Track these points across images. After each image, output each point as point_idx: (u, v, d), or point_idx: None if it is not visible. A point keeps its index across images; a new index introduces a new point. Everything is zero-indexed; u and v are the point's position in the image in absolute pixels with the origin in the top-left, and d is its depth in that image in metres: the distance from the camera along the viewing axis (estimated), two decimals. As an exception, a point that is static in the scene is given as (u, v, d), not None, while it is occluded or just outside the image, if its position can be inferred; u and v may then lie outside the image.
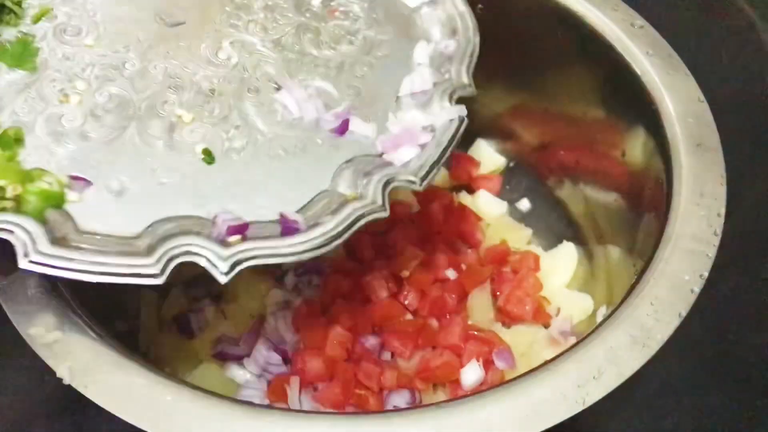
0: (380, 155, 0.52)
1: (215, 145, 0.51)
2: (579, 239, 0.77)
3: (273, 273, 0.73)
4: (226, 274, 0.45)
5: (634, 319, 0.50)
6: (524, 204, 0.83)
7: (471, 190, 0.84)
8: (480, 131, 0.85)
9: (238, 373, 0.67)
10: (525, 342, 0.71)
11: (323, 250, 0.47)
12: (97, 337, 0.51)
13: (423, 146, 0.53)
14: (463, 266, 0.74)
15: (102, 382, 0.47)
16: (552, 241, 0.79)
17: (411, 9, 0.62)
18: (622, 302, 0.51)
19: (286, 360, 0.67)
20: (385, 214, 0.49)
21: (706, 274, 0.52)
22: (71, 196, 0.47)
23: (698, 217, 0.55)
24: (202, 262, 0.45)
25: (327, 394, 0.63)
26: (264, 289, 0.71)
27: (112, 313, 0.67)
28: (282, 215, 0.47)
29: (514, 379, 0.47)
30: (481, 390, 0.51)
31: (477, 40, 0.61)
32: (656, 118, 0.62)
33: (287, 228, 0.47)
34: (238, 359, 0.67)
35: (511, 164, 0.85)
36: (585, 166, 0.76)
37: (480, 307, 0.72)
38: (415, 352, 0.67)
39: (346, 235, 0.47)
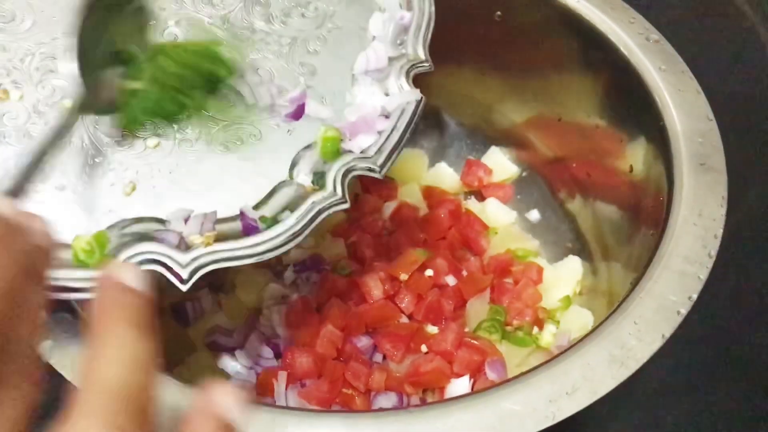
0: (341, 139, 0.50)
1: (167, 137, 0.49)
2: (585, 254, 0.76)
3: (272, 267, 0.73)
4: (187, 281, 0.44)
5: (616, 338, 0.49)
6: (534, 215, 0.82)
7: (481, 197, 0.83)
8: (495, 139, 0.85)
9: (230, 364, 0.67)
10: (521, 354, 0.70)
11: (284, 249, 0.46)
12: (86, 321, 0.52)
13: (381, 132, 0.51)
14: (464, 273, 0.74)
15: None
16: (558, 254, 0.78)
17: None
18: (605, 319, 0.50)
19: (278, 355, 0.68)
20: (346, 205, 0.48)
21: (695, 296, 0.51)
22: None
23: (694, 237, 0.54)
24: (162, 270, 0.44)
25: (314, 391, 0.63)
26: (262, 282, 0.71)
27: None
28: (242, 212, 0.47)
29: (486, 389, 0.47)
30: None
31: (432, 10, 0.57)
32: (663, 134, 0.61)
33: (247, 227, 0.46)
34: (231, 350, 0.68)
35: (524, 174, 0.84)
36: (595, 180, 0.75)
37: (478, 315, 0.71)
38: (407, 355, 0.67)
39: (306, 232, 0.46)
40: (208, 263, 0.45)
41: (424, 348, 0.67)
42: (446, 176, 0.83)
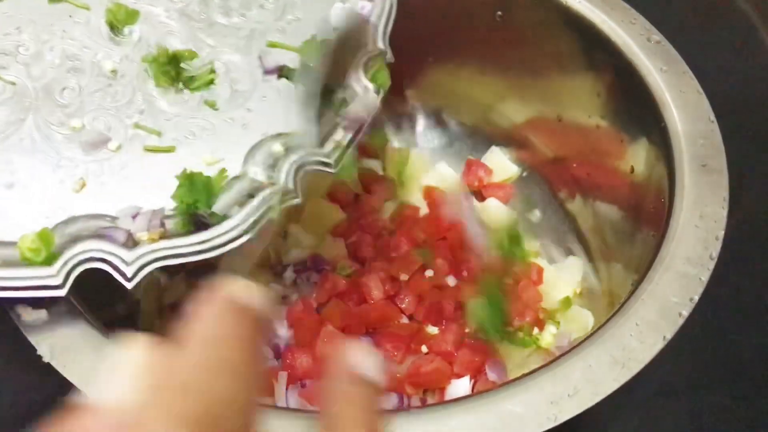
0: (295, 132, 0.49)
1: (118, 132, 0.48)
2: (586, 254, 0.76)
3: (273, 267, 0.73)
4: (131, 279, 0.43)
5: (617, 339, 0.49)
6: (535, 215, 0.82)
7: (481, 197, 0.83)
8: (495, 138, 0.85)
9: (230, 364, 0.67)
10: (521, 354, 0.70)
11: (233, 245, 0.45)
12: (87, 319, 0.52)
13: (336, 126, 0.50)
14: (465, 273, 0.74)
15: (82, 363, 0.48)
16: (559, 254, 0.78)
17: None
18: (607, 321, 0.50)
19: (277, 355, 0.68)
20: (298, 200, 0.47)
21: (696, 298, 0.50)
22: None
23: (695, 239, 0.53)
24: (107, 268, 0.44)
25: (314, 392, 0.63)
26: (262, 282, 0.71)
27: (113, 296, 0.68)
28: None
29: (487, 390, 0.47)
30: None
31: (394, 1, 0.56)
32: (664, 135, 0.61)
33: (196, 222, 0.45)
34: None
35: (525, 174, 0.84)
36: (596, 181, 0.75)
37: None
38: (407, 356, 0.67)
39: (257, 228, 0.46)
40: (153, 260, 0.44)
41: (424, 348, 0.67)
42: (446, 176, 0.83)
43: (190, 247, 0.44)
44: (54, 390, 0.48)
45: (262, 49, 0.53)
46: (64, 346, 0.49)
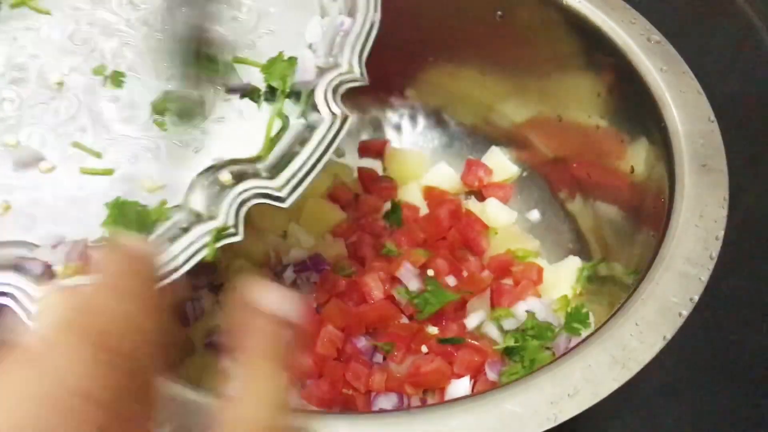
0: (251, 160, 0.45)
1: (54, 151, 0.44)
2: (586, 254, 0.76)
3: (272, 268, 0.73)
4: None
5: (617, 339, 0.49)
6: (534, 215, 0.82)
7: (481, 197, 0.83)
8: (495, 138, 0.85)
9: (230, 365, 0.67)
10: (521, 354, 0.70)
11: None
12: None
13: (292, 157, 0.46)
14: (465, 273, 0.74)
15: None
16: (559, 254, 0.78)
17: None
18: (606, 321, 0.50)
19: (277, 355, 0.68)
20: (238, 238, 0.43)
21: (696, 298, 0.51)
22: None
23: (695, 238, 0.54)
24: (11, 304, 0.40)
25: (314, 392, 0.63)
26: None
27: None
28: None
29: (487, 390, 0.47)
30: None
31: (377, 18, 0.53)
32: (664, 135, 0.61)
33: None
34: (231, 350, 0.68)
35: (525, 174, 0.84)
36: (596, 181, 0.75)
37: (478, 315, 0.71)
38: (407, 356, 0.67)
39: (187, 266, 0.42)
40: None
41: (424, 348, 0.67)
42: (446, 176, 0.83)
43: None
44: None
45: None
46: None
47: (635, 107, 0.65)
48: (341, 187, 0.80)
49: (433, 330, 0.70)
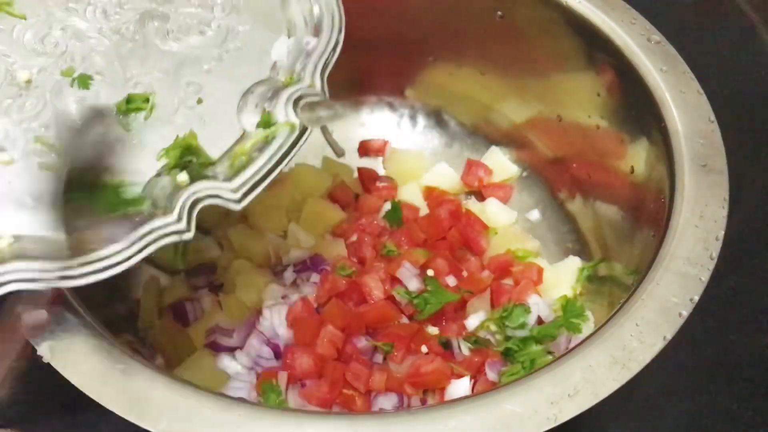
0: (209, 163, 0.48)
1: (17, 144, 0.46)
2: (585, 254, 0.76)
3: (272, 267, 0.73)
4: None
5: (617, 340, 0.49)
6: (534, 215, 0.82)
7: (481, 197, 0.83)
8: (495, 139, 0.85)
9: (230, 365, 0.67)
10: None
11: (103, 275, 0.44)
12: (87, 319, 0.52)
13: (249, 161, 0.48)
14: (465, 273, 0.74)
15: (81, 364, 0.48)
16: (558, 254, 0.78)
17: None
18: (606, 321, 0.50)
19: (277, 355, 0.68)
20: (189, 235, 0.45)
21: (696, 298, 0.51)
22: None
23: (695, 239, 0.54)
24: None
25: (314, 392, 0.63)
26: (262, 283, 0.71)
27: (113, 295, 0.68)
28: None
29: (487, 390, 0.47)
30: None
31: (340, 38, 0.54)
32: (664, 135, 0.61)
33: None
34: (231, 350, 0.68)
35: (524, 174, 0.84)
36: (596, 181, 0.75)
37: (478, 315, 0.71)
38: (407, 356, 0.67)
39: (136, 258, 0.44)
40: (7, 282, 0.42)
41: (424, 348, 0.67)
42: (446, 176, 0.83)
43: (53, 272, 0.42)
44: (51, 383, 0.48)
45: (189, 78, 0.52)
46: (64, 346, 0.49)
47: (635, 107, 0.65)
48: (341, 187, 0.80)
49: (433, 330, 0.70)
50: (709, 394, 0.68)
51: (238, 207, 0.47)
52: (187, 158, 0.48)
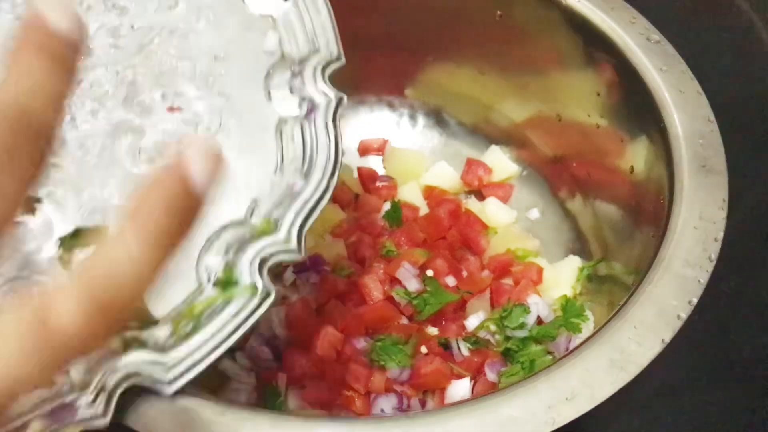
0: (149, 322, 0.43)
1: None
2: (586, 254, 0.76)
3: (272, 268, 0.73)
4: None
5: (615, 342, 0.49)
6: (534, 214, 0.82)
7: (481, 197, 0.83)
8: (495, 138, 0.84)
9: (229, 366, 0.67)
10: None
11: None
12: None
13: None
14: (464, 273, 0.74)
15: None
16: (559, 253, 0.78)
17: (278, 118, 0.49)
18: (605, 324, 0.50)
19: (277, 356, 0.68)
20: (104, 422, 0.41)
21: (695, 301, 0.50)
22: None
23: (694, 240, 0.53)
24: None
25: (314, 394, 0.64)
26: (262, 283, 0.71)
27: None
28: None
29: (486, 394, 0.47)
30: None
31: (332, 183, 0.50)
32: (664, 135, 0.60)
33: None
34: (230, 351, 0.68)
35: (524, 173, 0.83)
36: (596, 180, 0.75)
37: (478, 316, 0.71)
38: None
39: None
40: None
41: (424, 349, 0.67)
42: (446, 176, 0.83)
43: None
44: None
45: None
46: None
47: (635, 107, 0.65)
48: (341, 187, 0.80)
49: (432, 330, 0.70)
50: (709, 394, 0.68)
51: (168, 391, 0.42)
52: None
